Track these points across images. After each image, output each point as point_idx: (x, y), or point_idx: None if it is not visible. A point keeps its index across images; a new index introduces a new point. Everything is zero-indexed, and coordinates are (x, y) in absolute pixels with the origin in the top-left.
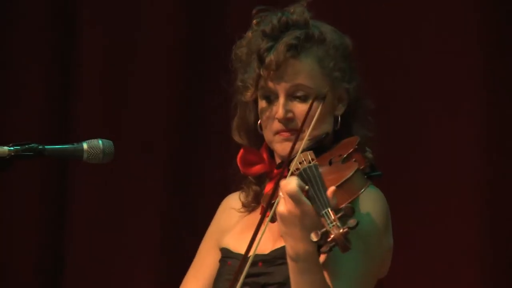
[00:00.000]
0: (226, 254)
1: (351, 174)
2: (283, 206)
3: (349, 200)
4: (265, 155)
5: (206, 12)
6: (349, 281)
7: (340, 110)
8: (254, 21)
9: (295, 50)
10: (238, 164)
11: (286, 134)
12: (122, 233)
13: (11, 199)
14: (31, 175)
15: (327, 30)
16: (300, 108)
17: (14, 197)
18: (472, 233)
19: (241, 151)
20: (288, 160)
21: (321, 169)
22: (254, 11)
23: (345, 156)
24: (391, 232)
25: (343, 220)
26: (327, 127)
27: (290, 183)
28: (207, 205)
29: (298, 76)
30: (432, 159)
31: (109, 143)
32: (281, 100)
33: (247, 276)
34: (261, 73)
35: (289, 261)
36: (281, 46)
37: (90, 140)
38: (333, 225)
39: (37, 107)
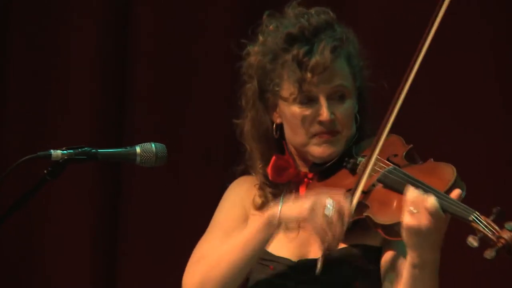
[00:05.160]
0: (265, 256)
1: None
2: (417, 221)
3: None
4: (291, 160)
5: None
6: None
7: (356, 108)
8: (271, 27)
9: (338, 52)
10: (269, 172)
11: (327, 136)
12: (177, 235)
13: (64, 201)
14: (83, 178)
15: (346, 28)
16: (340, 109)
17: (66, 200)
18: None
19: (274, 158)
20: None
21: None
22: (265, 16)
23: (405, 154)
24: None
25: (499, 223)
26: (354, 126)
27: (430, 200)
28: None
29: (336, 77)
30: None
31: (162, 146)
32: (323, 102)
33: (301, 283)
34: (305, 76)
35: (410, 269)
36: (324, 49)
37: (143, 144)
38: (492, 229)
39: (91, 114)
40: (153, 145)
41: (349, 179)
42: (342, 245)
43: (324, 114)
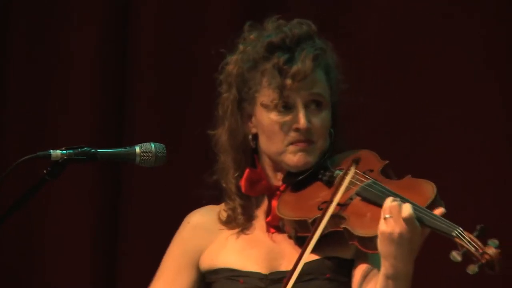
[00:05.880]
0: (233, 274)
1: (436, 191)
2: (391, 227)
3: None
4: (263, 174)
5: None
6: None
7: (330, 122)
8: (251, 36)
9: (318, 61)
10: (243, 184)
11: (303, 145)
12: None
13: (64, 201)
14: (83, 178)
15: (326, 41)
16: (316, 118)
17: (67, 200)
18: None
19: (247, 171)
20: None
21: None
22: (246, 26)
23: (381, 169)
24: None
25: (482, 240)
26: (328, 139)
27: (407, 209)
28: None
29: (315, 86)
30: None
31: (161, 146)
32: (301, 109)
33: None
34: (286, 83)
35: (383, 280)
36: (306, 57)
37: (142, 144)
38: (476, 245)
39: (91, 114)
40: (152, 145)
41: (325, 192)
42: (314, 257)
43: (301, 121)
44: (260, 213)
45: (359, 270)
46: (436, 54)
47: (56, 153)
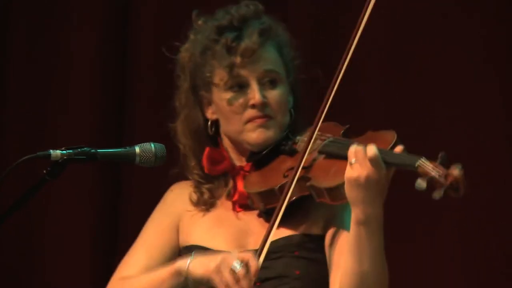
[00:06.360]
0: (204, 252)
1: (396, 136)
2: (357, 171)
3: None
4: (225, 153)
5: None
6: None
7: (291, 102)
8: (200, 22)
9: (266, 36)
10: (204, 163)
11: (260, 121)
12: None
13: (64, 201)
14: (83, 178)
15: (276, 20)
16: (272, 94)
17: (66, 200)
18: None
19: (207, 149)
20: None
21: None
22: (194, 15)
23: (342, 133)
24: None
25: (445, 166)
26: (288, 116)
27: (371, 149)
28: None
29: (266, 62)
30: None
31: (161, 146)
32: (255, 86)
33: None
34: (235, 60)
35: (355, 227)
36: (252, 33)
37: (142, 144)
38: (439, 170)
39: (91, 114)
40: (152, 145)
41: (288, 162)
42: (283, 235)
43: (256, 96)
44: (228, 193)
45: (330, 234)
46: (436, 54)
47: (56, 153)
